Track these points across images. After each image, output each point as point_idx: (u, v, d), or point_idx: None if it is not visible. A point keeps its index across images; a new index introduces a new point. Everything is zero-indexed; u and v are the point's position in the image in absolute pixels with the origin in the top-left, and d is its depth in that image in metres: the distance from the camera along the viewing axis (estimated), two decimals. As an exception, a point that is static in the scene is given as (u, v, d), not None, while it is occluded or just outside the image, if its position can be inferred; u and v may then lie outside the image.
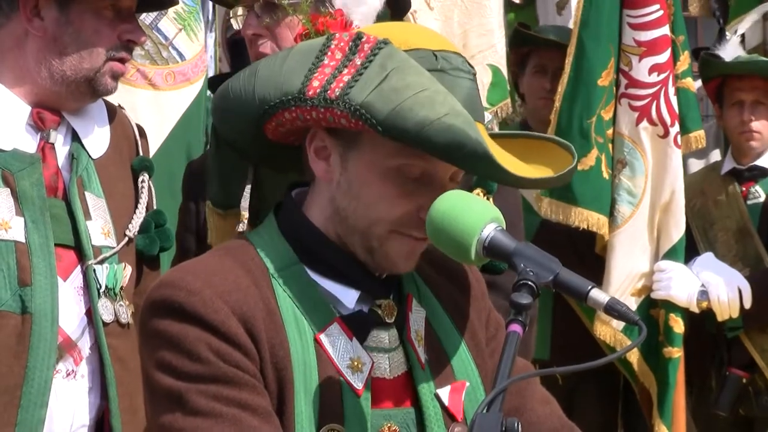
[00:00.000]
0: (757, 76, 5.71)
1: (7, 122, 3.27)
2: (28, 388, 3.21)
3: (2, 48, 3.32)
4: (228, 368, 2.53)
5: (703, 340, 5.63)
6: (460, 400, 2.70)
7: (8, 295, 3.22)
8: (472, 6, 5.18)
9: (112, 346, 3.31)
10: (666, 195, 5.41)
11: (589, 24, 5.49)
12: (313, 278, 2.68)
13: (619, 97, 5.42)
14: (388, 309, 2.70)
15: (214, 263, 2.69)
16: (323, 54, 2.65)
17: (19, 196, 3.25)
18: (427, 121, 2.50)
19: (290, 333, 2.60)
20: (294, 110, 2.65)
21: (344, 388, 2.61)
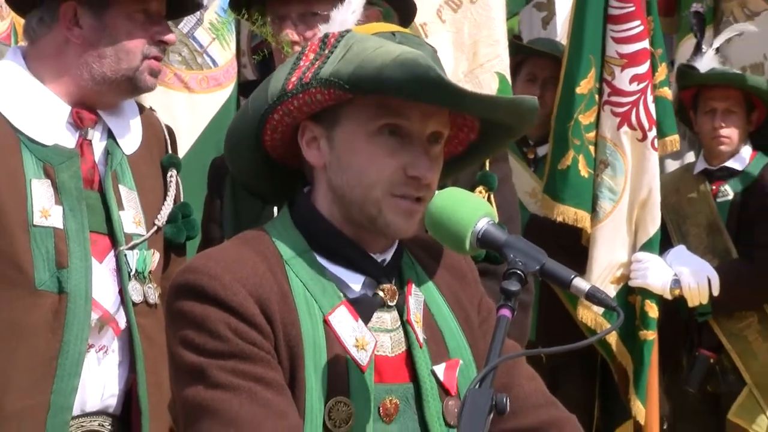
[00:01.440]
0: (728, 87, 5.73)
1: (49, 120, 3.27)
2: (63, 360, 3.21)
3: (45, 54, 3.32)
4: (245, 345, 2.53)
5: (676, 324, 5.65)
6: (454, 376, 2.71)
7: (47, 276, 3.21)
8: (480, 19, 5.16)
9: (141, 324, 3.32)
10: (644, 193, 5.43)
11: (573, 38, 5.53)
12: (322, 264, 2.68)
13: (602, 103, 5.43)
14: (390, 293, 2.71)
15: (233, 251, 2.70)
16: (299, 59, 2.70)
17: (59, 187, 3.25)
18: (383, 64, 2.53)
19: (302, 314, 2.61)
20: (279, 108, 2.68)
21: (350, 364, 2.62)
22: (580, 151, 5.39)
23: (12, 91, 3.29)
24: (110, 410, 3.33)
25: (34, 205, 3.24)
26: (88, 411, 3.29)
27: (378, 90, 2.54)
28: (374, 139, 2.61)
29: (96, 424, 3.32)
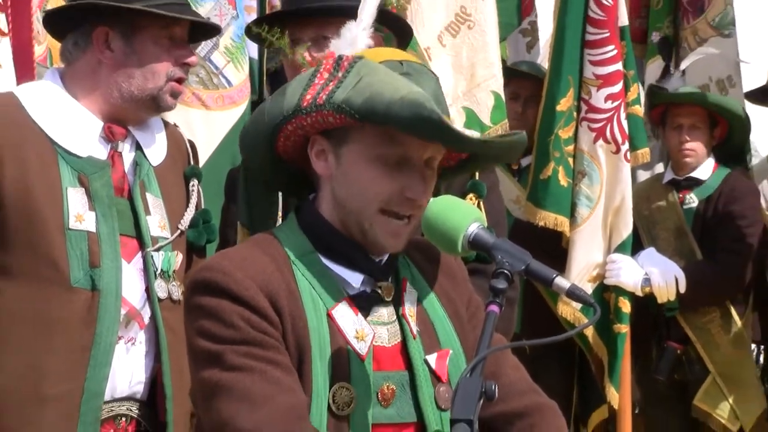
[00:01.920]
0: (693, 105, 5.75)
1: (83, 134, 3.28)
2: (96, 350, 3.21)
3: (79, 74, 3.32)
4: (256, 333, 2.55)
5: (646, 318, 5.66)
6: (445, 365, 2.72)
7: (81, 275, 3.21)
8: (477, 43, 5.17)
9: (166, 318, 3.33)
10: (617, 200, 5.43)
11: (553, 61, 5.54)
12: (326, 264, 2.69)
13: (580, 120, 5.43)
14: (387, 290, 2.72)
15: (245, 252, 2.71)
16: (314, 76, 2.69)
17: (92, 194, 3.25)
18: (392, 101, 2.53)
19: (307, 309, 2.62)
20: (294, 121, 2.68)
21: (351, 354, 2.63)
22: (560, 162, 5.39)
23: (50, 108, 3.28)
24: (137, 396, 3.33)
25: (69, 211, 3.23)
26: (118, 396, 3.29)
27: (385, 124, 2.55)
28: (377, 162, 2.62)
29: (124, 408, 3.31)
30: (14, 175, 3.21)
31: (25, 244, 3.23)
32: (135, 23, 3.29)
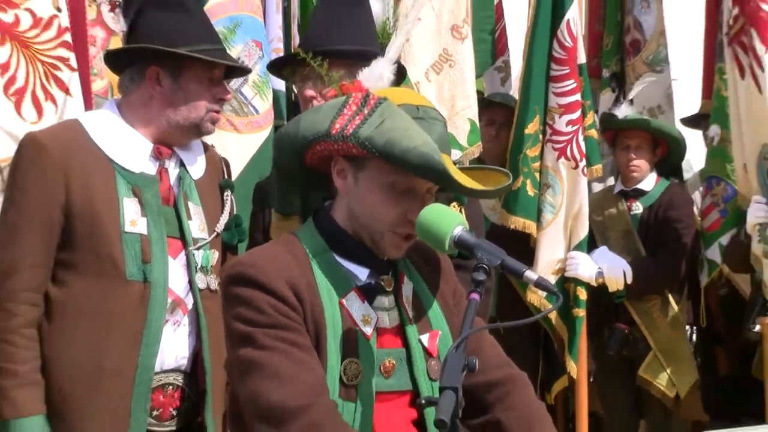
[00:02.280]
0: (639, 129, 5.76)
1: (136, 154, 3.28)
2: (147, 332, 3.21)
3: (134, 105, 3.32)
4: (282, 318, 2.57)
5: (600, 304, 5.66)
6: (435, 343, 2.74)
7: (135, 270, 3.21)
8: (457, 79, 5.22)
9: (205, 305, 3.33)
10: (576, 207, 5.43)
11: (522, 92, 5.54)
12: (338, 260, 2.71)
13: (545, 141, 5.44)
14: (388, 282, 2.74)
15: (273, 250, 2.73)
16: (344, 107, 2.67)
17: (144, 203, 3.26)
18: (407, 149, 2.55)
19: (323, 297, 2.64)
20: (322, 143, 2.67)
21: (359, 335, 2.65)
22: (528, 176, 5.40)
23: (109, 132, 3.29)
24: (182, 368, 3.33)
25: (125, 217, 3.23)
26: (166, 369, 3.28)
27: (399, 165, 2.57)
28: (388, 189, 2.64)
29: (171, 378, 3.30)
30: (79, 189, 3.20)
31: (88, 245, 3.21)
32: (182, 65, 3.29)
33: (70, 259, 3.22)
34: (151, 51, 3.27)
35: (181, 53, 3.26)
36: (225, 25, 4.84)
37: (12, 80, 3.65)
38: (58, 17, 3.64)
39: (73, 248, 3.21)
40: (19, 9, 3.65)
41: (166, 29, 3.30)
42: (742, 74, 5.23)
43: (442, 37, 5.25)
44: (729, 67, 5.35)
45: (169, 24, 3.31)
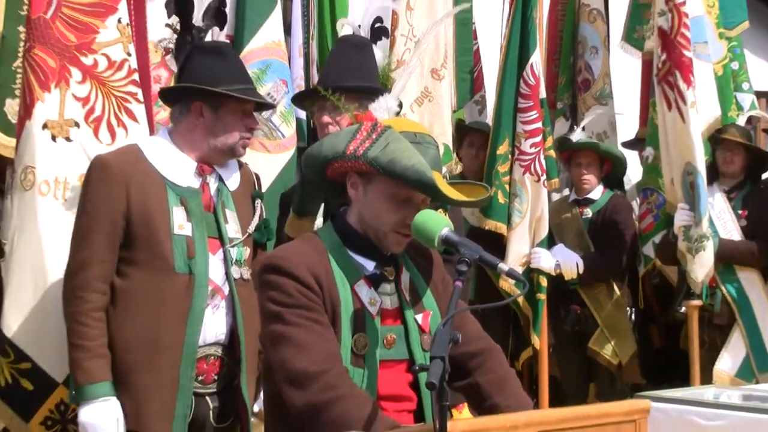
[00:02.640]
0: (588, 150, 5.75)
1: (183, 171, 3.28)
2: (192, 314, 3.21)
3: (181, 132, 3.31)
4: (305, 300, 2.59)
5: (557, 290, 5.63)
6: (428, 322, 2.76)
7: (182, 264, 3.20)
8: (434, 110, 5.26)
9: (239, 291, 3.32)
10: (538, 212, 5.43)
11: (495, 121, 5.54)
12: (350, 254, 2.73)
13: (514, 160, 5.43)
14: (390, 272, 2.76)
15: (298, 246, 2.76)
16: (357, 132, 2.70)
17: (189, 211, 3.25)
18: (406, 167, 2.58)
19: (338, 284, 2.66)
20: (340, 161, 2.69)
21: (366, 314, 2.68)
22: (500, 187, 5.40)
23: (161, 154, 3.29)
24: (221, 342, 3.31)
25: (174, 222, 3.23)
26: (208, 343, 3.27)
27: (399, 180, 2.60)
28: (391, 198, 2.66)
29: (212, 350, 3.30)
30: (137, 200, 3.21)
31: (144, 245, 3.22)
32: (220, 101, 3.29)
33: (130, 256, 3.22)
34: (196, 89, 3.28)
35: (219, 92, 3.25)
36: (258, 67, 4.82)
37: (91, 110, 3.63)
38: (128, 60, 3.64)
39: (132, 247, 3.22)
40: (97, 54, 3.65)
41: (208, 72, 3.29)
42: (669, 107, 5.28)
43: (423, 77, 5.26)
44: (659, 101, 5.42)
45: (210, 68, 3.31)
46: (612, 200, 5.78)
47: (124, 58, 3.67)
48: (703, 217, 5.21)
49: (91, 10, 3.65)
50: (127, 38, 3.71)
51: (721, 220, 5.47)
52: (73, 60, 3.62)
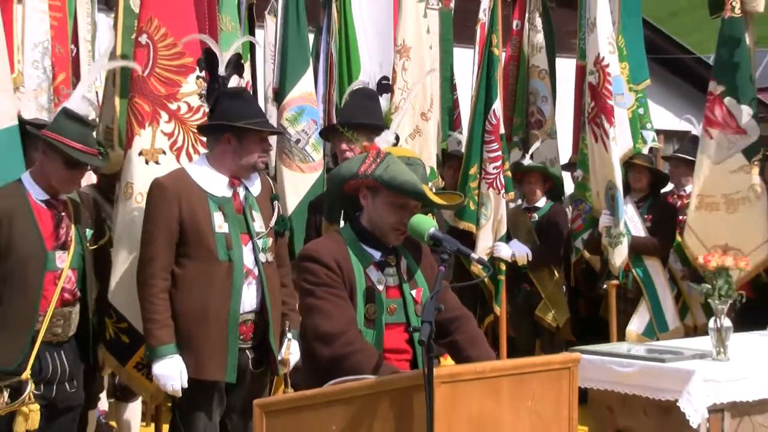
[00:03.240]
0: (537, 172, 5.73)
1: (218, 185, 3.25)
2: (233, 291, 3.18)
3: (215, 157, 3.26)
4: (330, 280, 2.60)
5: (513, 272, 5.57)
6: (420, 296, 2.75)
7: (223, 254, 3.17)
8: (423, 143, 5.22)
9: (266, 272, 3.27)
10: (499, 216, 5.39)
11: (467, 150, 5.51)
12: (363, 246, 2.71)
13: (481, 178, 5.38)
14: (392, 259, 2.74)
15: (325, 241, 2.79)
16: (366, 158, 2.70)
17: (225, 214, 3.22)
18: (403, 182, 2.60)
19: (354, 268, 2.66)
20: (354, 180, 2.69)
21: (375, 290, 2.68)
22: (471, 198, 5.33)
23: (201, 174, 3.26)
24: (254, 310, 3.26)
25: (215, 223, 3.19)
26: (245, 311, 3.23)
27: (397, 191, 2.60)
28: (391, 205, 2.65)
29: (248, 316, 3.24)
30: (187, 209, 3.19)
31: (195, 242, 3.19)
32: (243, 132, 3.24)
33: (185, 251, 3.20)
34: (225, 125, 3.25)
35: (242, 126, 3.22)
36: (296, 111, 4.82)
37: (174, 142, 3.64)
38: (203, 106, 3.62)
39: (186, 244, 3.20)
40: (180, 102, 3.64)
41: (233, 111, 3.25)
42: (596, 140, 5.29)
43: (415, 119, 5.24)
44: (588, 136, 5.41)
45: (234, 108, 3.25)
46: (552, 208, 5.72)
47: (199, 104, 3.65)
48: (620, 221, 5.18)
49: (177, 69, 3.65)
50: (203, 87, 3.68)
51: (632, 222, 5.44)
52: (162, 106, 3.62)
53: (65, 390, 3.08)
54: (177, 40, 3.61)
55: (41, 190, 3.06)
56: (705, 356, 3.24)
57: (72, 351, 3.12)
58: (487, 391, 2.24)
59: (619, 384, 3.24)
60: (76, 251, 3.11)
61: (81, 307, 3.15)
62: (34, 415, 2.91)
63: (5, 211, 2.97)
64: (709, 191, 5.13)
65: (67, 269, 3.06)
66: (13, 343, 2.93)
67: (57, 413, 3.08)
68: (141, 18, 3.65)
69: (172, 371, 3.13)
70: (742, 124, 5.03)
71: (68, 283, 3.07)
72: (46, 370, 3.02)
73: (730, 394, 3.12)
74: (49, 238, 3.04)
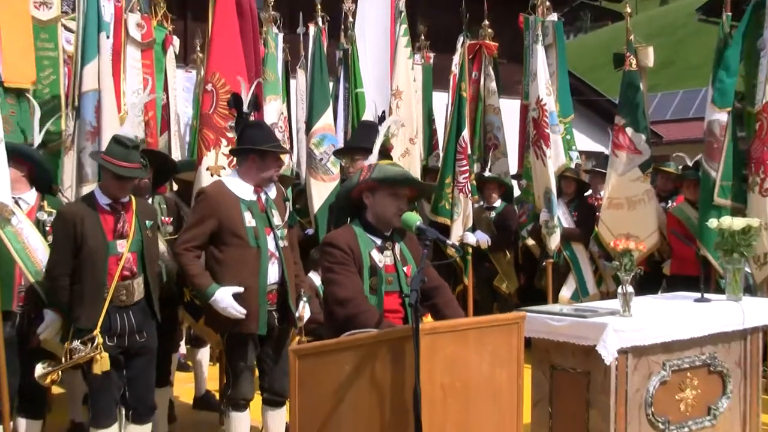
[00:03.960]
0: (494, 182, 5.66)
1: (247, 192, 3.17)
2: (261, 269, 3.10)
3: (243, 172, 3.16)
4: (344, 260, 2.56)
5: (477, 254, 5.50)
6: (409, 271, 2.71)
7: (253, 242, 3.09)
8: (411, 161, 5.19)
9: (284, 254, 3.19)
10: (467, 213, 5.32)
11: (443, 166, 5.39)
12: (368, 235, 2.66)
13: (454, 186, 5.29)
14: (389, 245, 2.71)
15: (341, 231, 2.70)
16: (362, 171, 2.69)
17: (253, 213, 3.14)
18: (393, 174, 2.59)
19: (362, 251, 2.62)
20: (357, 187, 2.66)
21: (377, 267, 2.63)
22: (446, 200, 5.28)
23: (234, 184, 3.17)
24: (277, 282, 3.18)
25: (245, 220, 3.11)
26: (270, 283, 3.15)
27: (390, 184, 2.57)
28: (388, 196, 2.61)
29: (274, 287, 3.16)
30: (224, 210, 3.11)
31: (231, 233, 3.10)
32: (263, 154, 3.16)
33: (224, 240, 3.13)
34: (249, 149, 3.17)
35: (262, 149, 3.15)
36: (319, 137, 4.78)
37: (231, 161, 3.55)
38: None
39: (225, 235, 3.12)
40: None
41: (255, 138, 3.14)
42: (536, 158, 5.27)
43: (404, 142, 5.20)
44: (532, 155, 5.36)
45: (257, 135, 3.14)
46: (505, 207, 5.67)
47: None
48: (554, 216, 5.16)
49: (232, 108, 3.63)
50: None
51: (564, 217, 5.42)
52: (223, 134, 3.58)
53: (136, 340, 2.98)
54: (233, 88, 3.57)
55: (105, 197, 2.98)
56: (615, 313, 3.22)
57: (139, 312, 3.00)
58: (458, 340, 2.22)
59: (554, 334, 3.21)
60: (135, 239, 2.99)
61: (144, 279, 3.04)
62: (104, 360, 2.84)
63: (78, 215, 2.90)
64: (616, 195, 5.16)
65: (126, 252, 2.95)
66: (90, 309, 2.87)
67: (132, 356, 3.01)
68: (207, 72, 3.64)
69: (227, 301, 3.00)
70: (638, 147, 5.09)
71: (128, 263, 2.95)
72: (115, 326, 2.92)
73: (632, 340, 3.11)
74: (110, 231, 2.94)
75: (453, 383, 2.18)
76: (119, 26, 3.63)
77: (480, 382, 2.25)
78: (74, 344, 2.83)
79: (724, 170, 4.63)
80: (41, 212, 3.16)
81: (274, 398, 3.18)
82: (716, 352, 3.39)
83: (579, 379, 3.06)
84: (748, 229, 3.62)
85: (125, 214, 3.00)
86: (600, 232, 5.31)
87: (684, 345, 3.23)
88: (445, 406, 2.15)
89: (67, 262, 2.88)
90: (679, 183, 5.33)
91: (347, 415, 2.23)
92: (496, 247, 5.55)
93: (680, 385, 3.26)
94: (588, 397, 3.04)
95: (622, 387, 3.02)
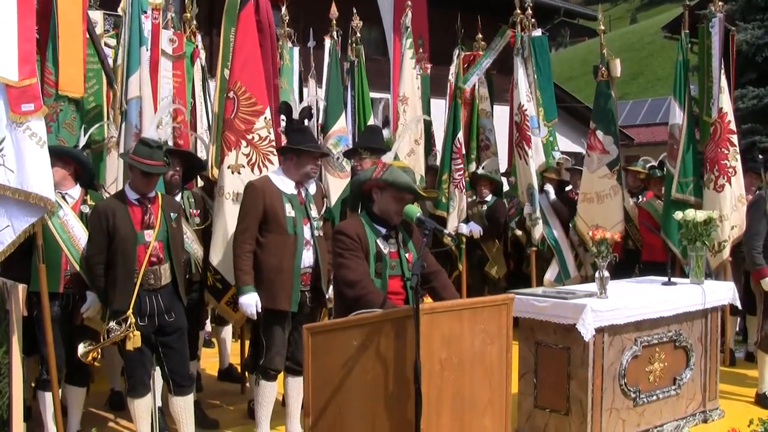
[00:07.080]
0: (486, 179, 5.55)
1: (289, 186, 3.17)
2: (296, 253, 3.10)
3: (287, 169, 3.17)
4: (354, 247, 2.52)
5: (470, 242, 5.45)
6: (411, 257, 2.68)
7: (292, 230, 3.09)
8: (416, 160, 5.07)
9: (318, 241, 3.19)
10: (461, 206, 5.30)
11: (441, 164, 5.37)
12: (375, 225, 2.63)
13: (450, 182, 5.24)
14: (393, 234, 2.67)
15: (350, 221, 2.68)
16: (375, 168, 2.64)
17: (293, 205, 3.14)
18: (402, 182, 2.54)
19: (369, 239, 2.58)
20: (368, 182, 2.62)
21: (382, 253, 2.59)
22: (443, 194, 5.26)
23: (278, 179, 3.18)
24: (310, 265, 3.18)
25: (286, 210, 3.12)
26: (305, 266, 3.15)
27: (397, 189, 2.54)
28: (393, 198, 2.58)
29: (308, 270, 3.16)
30: (269, 201, 3.11)
31: (273, 222, 3.11)
32: (303, 153, 3.16)
33: (267, 228, 3.12)
34: (294, 149, 3.17)
35: (303, 149, 3.14)
36: (335, 139, 4.73)
37: (250, 160, 3.54)
38: (269, 135, 3.54)
39: (268, 223, 3.12)
40: (254, 133, 3.56)
41: (298, 140, 3.17)
42: (521, 158, 5.25)
43: (410, 144, 5.15)
44: (516, 155, 5.32)
45: (300, 138, 3.17)
46: (496, 202, 5.61)
47: (267, 134, 3.58)
48: (536, 209, 5.16)
49: (252, 111, 3.58)
50: (269, 124, 3.60)
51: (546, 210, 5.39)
52: (242, 137, 3.55)
53: (165, 320, 2.94)
54: (252, 95, 3.55)
55: (133, 192, 2.95)
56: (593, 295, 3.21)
57: (167, 295, 2.96)
58: (454, 319, 2.20)
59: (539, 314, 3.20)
60: (161, 229, 2.94)
61: (170, 265, 2.98)
62: (137, 338, 2.81)
63: (110, 209, 2.88)
64: (588, 190, 5.15)
65: (153, 241, 2.91)
66: (122, 293, 2.84)
67: (164, 334, 2.99)
68: (229, 81, 3.62)
69: (250, 301, 3.06)
70: (607, 148, 5.08)
71: (154, 251, 2.92)
72: (146, 308, 2.89)
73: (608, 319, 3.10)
74: (138, 223, 2.91)
75: (450, 357, 2.17)
76: (156, 40, 3.61)
77: (473, 357, 2.24)
78: (110, 325, 2.82)
79: (682, 169, 4.70)
80: (84, 205, 3.17)
81: (294, 367, 3.17)
82: (681, 329, 3.43)
83: (560, 354, 3.07)
84: (708, 221, 3.66)
85: (151, 207, 2.96)
86: (576, 223, 5.31)
87: (653, 323, 3.26)
88: (442, 378, 2.15)
89: (101, 252, 2.87)
90: (647, 181, 5.38)
91: (355, 385, 2.22)
92: (487, 236, 5.51)
93: (650, 359, 3.28)
94: (569, 370, 3.06)
95: (599, 361, 3.04)
